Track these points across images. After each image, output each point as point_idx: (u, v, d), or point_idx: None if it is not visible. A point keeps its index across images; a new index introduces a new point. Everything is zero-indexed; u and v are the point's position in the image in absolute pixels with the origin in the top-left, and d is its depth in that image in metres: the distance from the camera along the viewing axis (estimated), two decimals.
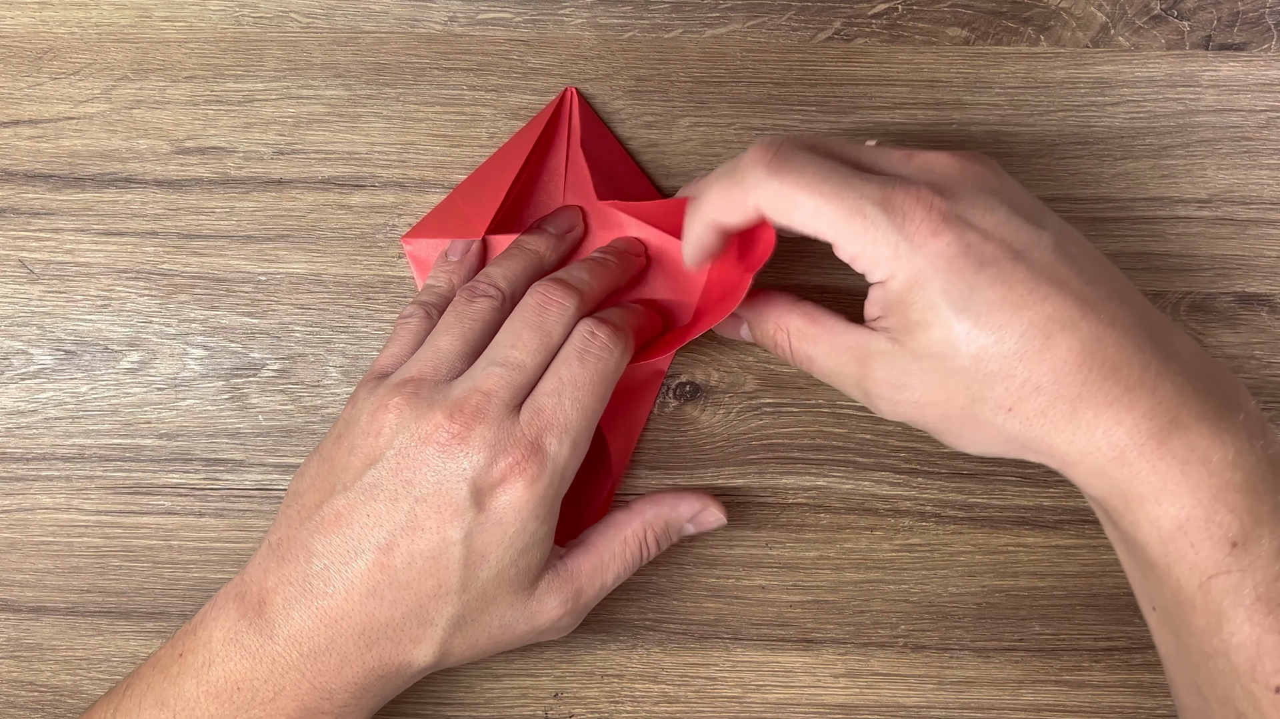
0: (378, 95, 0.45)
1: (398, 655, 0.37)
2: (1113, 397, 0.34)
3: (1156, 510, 0.34)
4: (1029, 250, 0.35)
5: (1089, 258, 0.36)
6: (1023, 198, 0.37)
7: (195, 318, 0.45)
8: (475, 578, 0.37)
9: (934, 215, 0.34)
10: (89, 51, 0.45)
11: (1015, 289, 0.34)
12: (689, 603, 0.45)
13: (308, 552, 0.37)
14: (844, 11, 0.45)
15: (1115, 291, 0.35)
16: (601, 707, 0.45)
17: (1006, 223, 0.35)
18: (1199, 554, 0.33)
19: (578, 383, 0.38)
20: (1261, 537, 0.33)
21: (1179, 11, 0.45)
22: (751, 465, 0.45)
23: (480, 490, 0.36)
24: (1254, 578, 0.33)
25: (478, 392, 0.37)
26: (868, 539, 0.45)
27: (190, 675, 0.37)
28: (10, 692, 0.45)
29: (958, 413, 0.36)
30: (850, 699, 0.45)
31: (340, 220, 0.45)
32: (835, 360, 0.38)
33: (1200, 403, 0.34)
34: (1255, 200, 0.45)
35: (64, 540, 0.45)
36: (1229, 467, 0.33)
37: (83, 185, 0.45)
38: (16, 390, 0.45)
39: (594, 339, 0.38)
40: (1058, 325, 0.34)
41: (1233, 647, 0.33)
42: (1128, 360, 0.34)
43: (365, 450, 0.37)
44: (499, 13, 0.45)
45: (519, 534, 0.37)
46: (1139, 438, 0.34)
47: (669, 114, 0.45)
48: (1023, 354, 0.34)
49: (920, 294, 0.34)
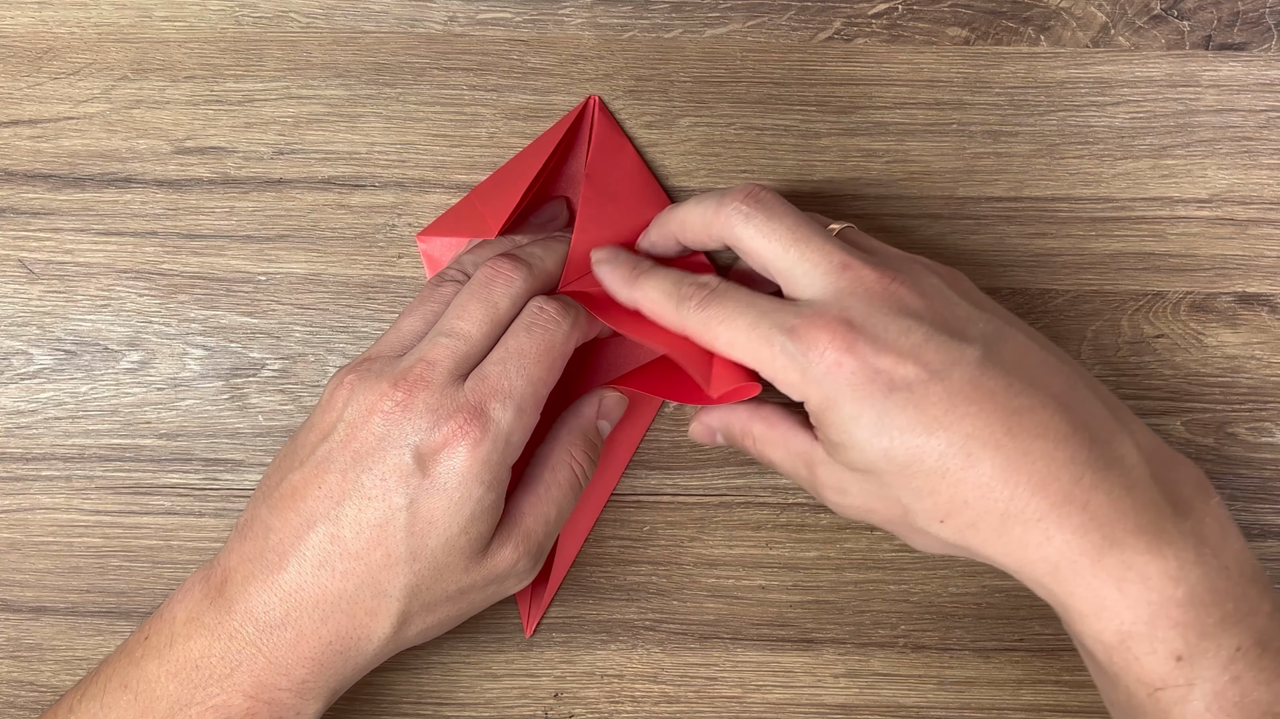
0: (378, 95, 0.45)
1: (354, 629, 0.37)
2: (1040, 512, 0.34)
3: (1097, 625, 0.34)
4: (948, 369, 0.35)
5: (1026, 363, 0.36)
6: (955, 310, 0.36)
7: (195, 318, 0.45)
8: (424, 546, 0.36)
9: (838, 343, 0.35)
10: (89, 51, 0.45)
11: (928, 411, 0.34)
12: (689, 603, 0.45)
13: (265, 528, 0.37)
14: (844, 11, 0.45)
15: (1053, 397, 0.35)
16: (601, 707, 0.45)
17: (925, 344, 0.35)
18: (1144, 668, 0.33)
19: (524, 351, 0.38)
20: (1207, 650, 0.33)
21: (1179, 11, 0.45)
22: (751, 465, 0.45)
23: (423, 456, 0.36)
24: (1201, 690, 0.33)
25: (422, 361, 0.37)
26: (868, 539, 0.45)
27: (153, 656, 0.37)
28: (10, 692, 0.45)
29: (897, 520, 0.37)
30: (850, 699, 0.45)
31: (340, 220, 0.45)
32: (790, 463, 0.40)
33: (1139, 515, 0.34)
34: (1255, 200, 0.45)
35: (64, 540, 0.45)
36: (1170, 581, 0.33)
37: (83, 185, 0.45)
38: (16, 390, 0.45)
39: (542, 312, 0.39)
40: (978, 443, 0.34)
41: None
42: (1057, 474, 0.34)
43: (320, 426, 0.38)
44: (499, 13, 0.45)
45: (464, 500, 0.36)
46: (1071, 554, 0.34)
47: (669, 114, 0.45)
48: (944, 473, 0.34)
49: (833, 417, 0.36)
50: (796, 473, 0.39)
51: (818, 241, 0.37)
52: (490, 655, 0.45)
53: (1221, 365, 0.45)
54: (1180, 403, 0.45)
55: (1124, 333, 0.45)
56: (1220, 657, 0.33)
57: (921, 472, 0.35)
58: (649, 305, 0.39)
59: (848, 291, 0.36)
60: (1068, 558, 0.34)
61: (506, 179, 0.43)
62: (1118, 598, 0.33)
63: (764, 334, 0.36)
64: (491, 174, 0.44)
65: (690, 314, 0.38)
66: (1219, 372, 0.45)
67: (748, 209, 0.38)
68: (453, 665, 0.45)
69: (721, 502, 0.45)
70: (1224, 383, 0.45)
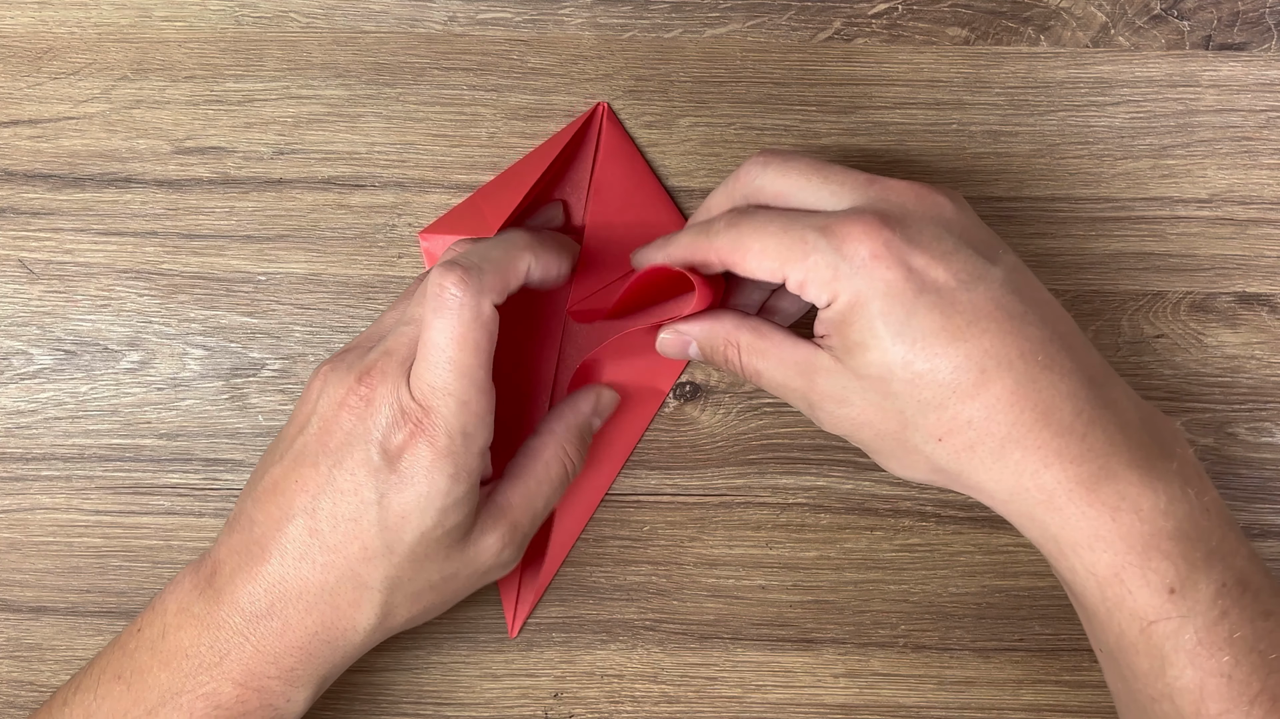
0: (378, 95, 0.45)
1: (338, 620, 0.37)
2: (1042, 440, 0.34)
3: (1090, 557, 0.34)
4: (974, 283, 0.35)
5: (1038, 299, 0.36)
6: (980, 233, 0.37)
7: (195, 318, 0.45)
8: (400, 540, 0.37)
9: (875, 240, 0.35)
10: (89, 51, 0.45)
11: (954, 319, 0.34)
12: (689, 603, 0.45)
13: (249, 520, 0.37)
14: (844, 11, 0.45)
15: (1059, 335, 0.35)
16: (601, 707, 0.45)
17: (955, 253, 0.35)
18: (1137, 601, 0.34)
19: (438, 343, 0.36)
20: (1198, 582, 0.33)
21: (1179, 11, 0.45)
22: (751, 465, 0.45)
23: (388, 451, 0.36)
24: (1194, 623, 0.33)
25: (385, 353, 0.37)
26: (868, 539, 0.45)
27: (145, 647, 0.37)
28: (10, 692, 0.45)
29: (892, 435, 0.37)
30: (850, 699, 0.45)
31: (340, 220, 0.45)
32: (783, 374, 0.38)
33: (1132, 451, 0.34)
34: (1255, 200, 0.45)
35: (64, 540, 0.45)
36: (1161, 514, 0.33)
37: (83, 185, 0.45)
38: (16, 390, 0.45)
39: (441, 291, 0.36)
40: (994, 362, 0.34)
41: (1177, 690, 0.33)
42: (1060, 405, 0.34)
43: (298, 420, 0.38)
44: (499, 13, 0.45)
45: (433, 494, 0.36)
46: (1067, 483, 0.34)
47: (669, 114, 0.45)
48: (956, 386, 0.34)
49: (859, 315, 0.35)
50: (788, 383, 0.38)
51: (839, 167, 0.37)
52: (490, 655, 0.45)
53: (1221, 365, 0.45)
54: (1180, 403, 0.45)
55: (1124, 333, 0.45)
56: (1209, 590, 0.33)
57: (934, 383, 0.35)
58: (681, 252, 0.39)
59: (879, 198, 0.36)
60: (1064, 486, 0.34)
61: (510, 181, 0.43)
62: (1112, 527, 0.34)
63: (797, 234, 0.36)
64: (496, 176, 0.44)
65: (720, 233, 0.37)
66: (1219, 372, 0.45)
67: (764, 159, 0.38)
68: (453, 665, 0.45)
69: (721, 502, 0.45)
70: (1224, 383, 0.45)
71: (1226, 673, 0.33)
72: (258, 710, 0.37)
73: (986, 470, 0.35)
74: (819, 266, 0.35)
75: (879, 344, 0.35)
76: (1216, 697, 0.33)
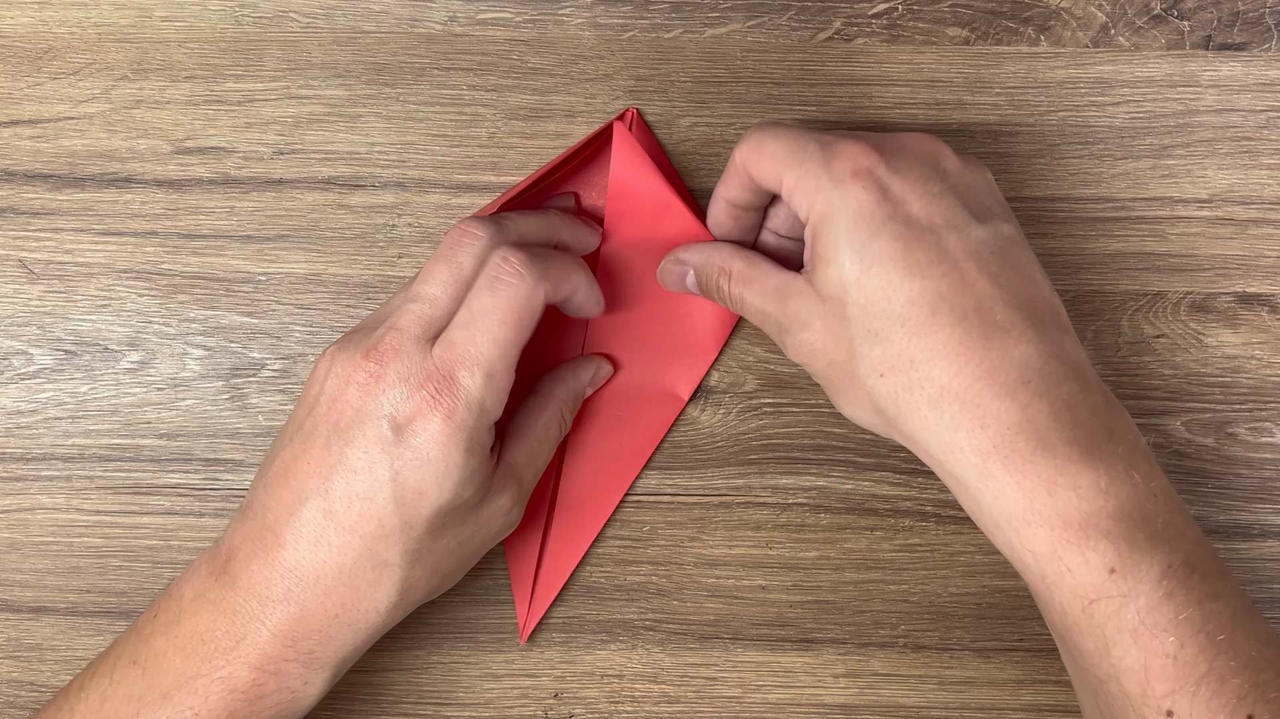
0: (378, 95, 0.45)
1: (358, 601, 0.37)
2: (981, 399, 0.34)
3: (1027, 533, 0.34)
4: (949, 229, 0.35)
5: (1022, 273, 0.36)
6: (982, 198, 0.37)
7: (195, 318, 0.45)
8: (418, 515, 0.36)
9: (862, 162, 0.36)
10: (89, 51, 0.45)
11: (917, 254, 0.35)
12: (689, 603, 0.45)
13: (262, 506, 0.37)
14: (844, 11, 0.45)
15: (1026, 303, 0.35)
16: (601, 707, 0.45)
17: (938, 197, 0.36)
18: (1077, 579, 0.33)
19: (488, 311, 0.37)
20: (1141, 563, 0.33)
21: (1179, 11, 0.45)
22: (751, 465, 0.45)
23: (399, 426, 0.36)
24: (1136, 604, 0.33)
25: (392, 329, 0.37)
26: (868, 539, 0.45)
27: (160, 633, 0.37)
28: (10, 692, 0.45)
29: (841, 366, 0.37)
30: (850, 699, 0.45)
31: (340, 220, 0.45)
32: (762, 299, 0.39)
33: (1075, 429, 0.34)
34: (1255, 200, 0.45)
35: (64, 540, 0.45)
36: (1101, 493, 0.33)
37: (83, 185, 0.45)
38: (16, 390, 0.45)
39: (506, 264, 0.37)
40: (947, 306, 0.34)
41: (1122, 671, 0.33)
42: (1007, 369, 0.34)
43: (306, 401, 0.38)
44: (499, 13, 0.45)
45: (449, 468, 0.36)
46: (1003, 449, 0.34)
47: (669, 114, 0.45)
48: (904, 321, 0.35)
49: (828, 229, 0.36)
50: (765, 308, 0.39)
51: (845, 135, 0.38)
52: (490, 655, 0.45)
53: (1221, 365, 0.45)
54: (1180, 403, 0.45)
55: (1124, 333, 0.45)
56: (1154, 571, 0.33)
57: (884, 312, 0.35)
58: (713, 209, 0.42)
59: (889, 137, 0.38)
60: (999, 452, 0.34)
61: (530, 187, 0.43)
62: (1048, 502, 0.33)
63: (801, 143, 0.37)
64: (513, 185, 0.44)
65: (740, 145, 0.39)
66: (1219, 372, 0.45)
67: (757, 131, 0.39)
68: (453, 665, 0.45)
69: (721, 502, 0.45)
70: (1224, 383, 0.45)
71: (1172, 654, 0.32)
72: (274, 694, 0.37)
73: (922, 418, 0.35)
74: (807, 175, 0.36)
75: (838, 260, 0.35)
76: (1162, 677, 0.32)
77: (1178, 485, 0.44)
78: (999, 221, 0.37)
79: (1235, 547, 0.45)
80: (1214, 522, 0.45)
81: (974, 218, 0.36)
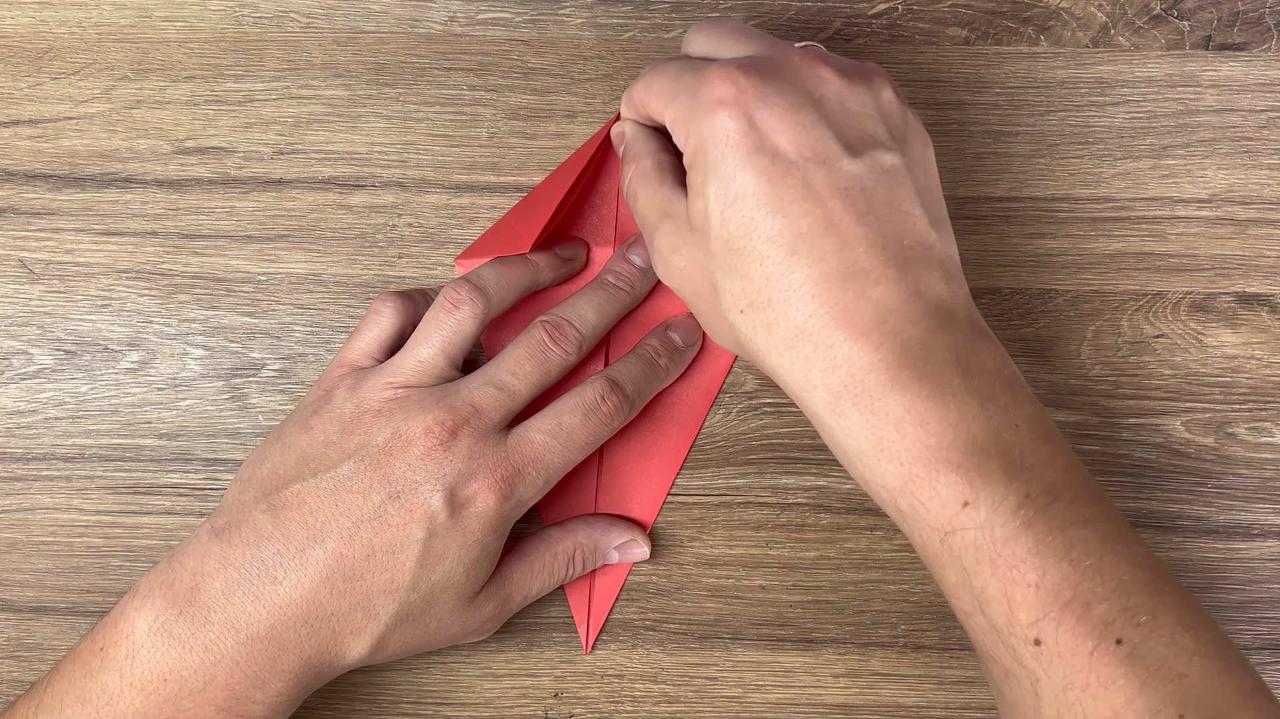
0: (378, 95, 0.45)
1: (335, 645, 0.37)
2: (833, 341, 0.33)
3: (878, 468, 0.33)
4: (816, 164, 0.34)
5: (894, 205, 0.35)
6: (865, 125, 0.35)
7: (195, 318, 0.45)
8: (426, 578, 0.37)
9: (727, 87, 0.35)
10: (89, 51, 0.45)
11: (780, 191, 0.34)
12: (689, 603, 0.45)
13: (258, 535, 0.36)
14: (844, 11, 0.45)
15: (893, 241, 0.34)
16: (601, 707, 0.45)
17: (808, 129, 0.34)
18: (930, 513, 0.33)
19: (574, 435, 0.39)
20: (994, 494, 0.32)
21: (1179, 11, 0.45)
22: (751, 465, 0.45)
23: (454, 498, 0.37)
24: (992, 535, 0.32)
25: (470, 405, 0.38)
26: (868, 539, 0.45)
27: (113, 669, 0.36)
28: (10, 692, 0.45)
29: (706, 296, 0.37)
30: (850, 699, 0.45)
31: (340, 220, 0.45)
32: (648, 206, 0.38)
33: (927, 367, 0.33)
34: (1255, 200, 0.45)
35: (64, 540, 0.45)
36: (950, 428, 0.33)
37: (83, 185, 0.45)
38: (16, 390, 0.45)
39: (604, 404, 0.39)
40: (806, 246, 0.34)
41: (985, 601, 0.33)
42: (863, 310, 0.33)
43: (343, 445, 0.37)
44: (499, 13, 0.45)
45: (476, 545, 0.37)
46: (853, 389, 0.33)
47: None
48: (763, 259, 0.34)
49: (699, 159, 0.35)
50: (648, 216, 0.38)
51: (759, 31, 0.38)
52: (490, 655, 0.45)
53: (1221, 365, 0.45)
54: (1180, 403, 0.45)
55: (1124, 333, 0.45)
56: (1009, 502, 0.32)
57: (744, 249, 0.34)
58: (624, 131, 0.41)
59: (767, 55, 0.36)
60: (850, 391, 0.33)
61: (540, 197, 0.43)
62: (895, 438, 0.33)
63: (677, 76, 0.37)
64: (526, 194, 0.44)
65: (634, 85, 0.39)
66: (1219, 372, 0.45)
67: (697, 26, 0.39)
68: (453, 665, 0.45)
69: (721, 502, 0.45)
70: (1224, 383, 0.45)
71: (1034, 582, 0.32)
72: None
73: (779, 356, 0.35)
74: (682, 107, 0.36)
75: (705, 192, 0.35)
76: (1025, 606, 0.32)
77: (1178, 485, 0.44)
78: (879, 152, 0.35)
79: (1235, 547, 0.45)
80: (1214, 522, 0.45)
81: (847, 150, 0.34)
